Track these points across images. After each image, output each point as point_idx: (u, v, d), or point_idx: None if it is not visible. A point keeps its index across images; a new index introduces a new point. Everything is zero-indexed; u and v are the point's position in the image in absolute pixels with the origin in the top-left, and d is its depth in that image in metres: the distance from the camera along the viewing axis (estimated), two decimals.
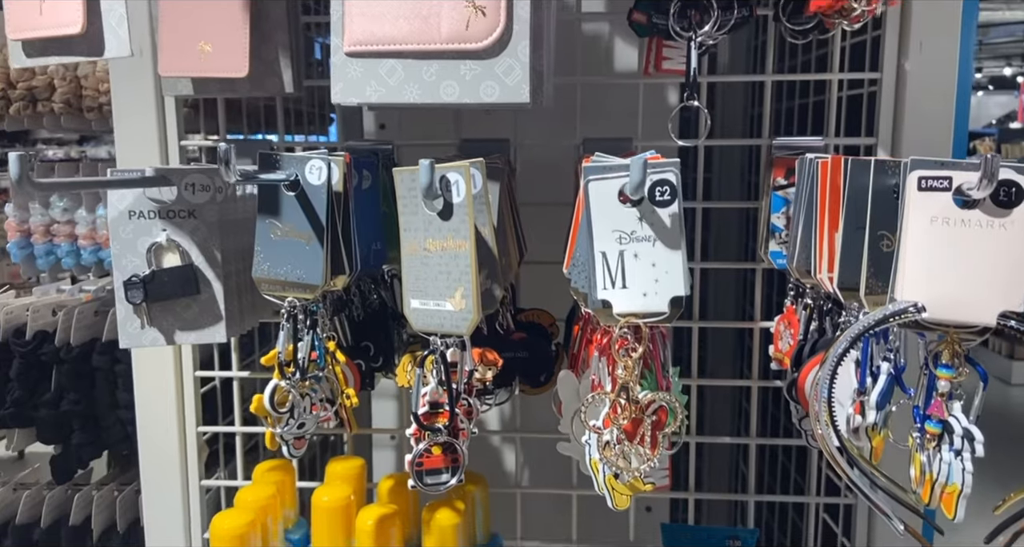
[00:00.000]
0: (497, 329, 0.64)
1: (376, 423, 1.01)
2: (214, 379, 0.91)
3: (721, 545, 0.72)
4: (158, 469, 0.83)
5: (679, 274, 0.47)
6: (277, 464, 0.77)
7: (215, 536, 0.64)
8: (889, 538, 0.77)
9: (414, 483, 0.50)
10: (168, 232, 0.63)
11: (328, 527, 0.70)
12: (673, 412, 0.49)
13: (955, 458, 0.45)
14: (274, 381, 0.55)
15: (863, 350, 0.56)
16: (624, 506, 0.51)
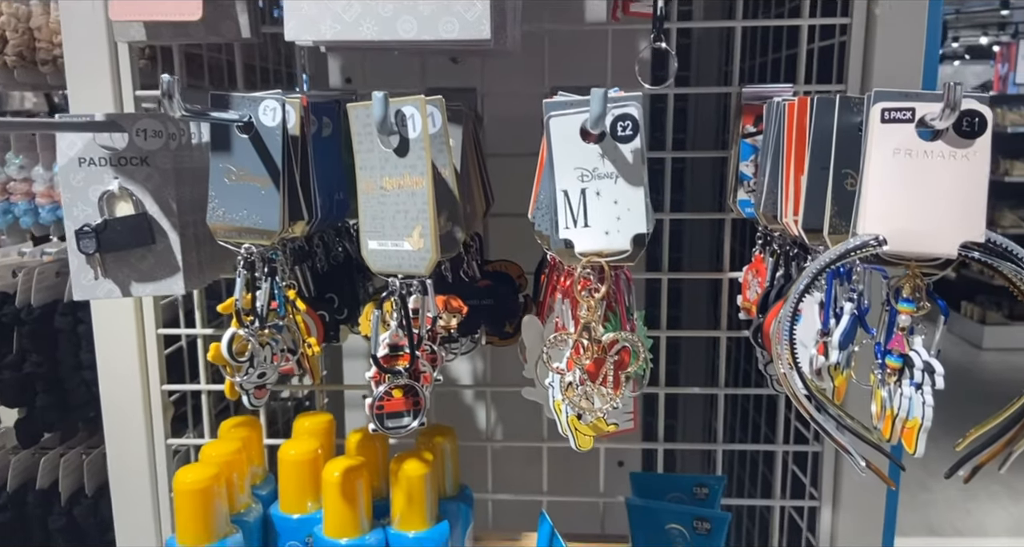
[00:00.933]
0: (462, 277, 0.63)
1: (348, 382, 1.00)
2: (180, 339, 0.89)
3: (688, 492, 0.73)
4: (122, 429, 0.82)
5: (641, 211, 0.47)
6: (243, 420, 0.76)
7: (178, 491, 0.63)
8: (854, 485, 0.78)
9: (375, 426, 0.50)
10: (120, 180, 0.61)
11: (295, 481, 0.70)
12: (636, 352, 0.49)
13: (915, 392, 0.46)
14: (232, 329, 0.54)
15: (827, 291, 0.56)
16: (587, 447, 0.50)
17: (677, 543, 0.69)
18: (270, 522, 0.71)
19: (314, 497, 0.70)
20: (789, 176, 0.58)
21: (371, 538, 0.66)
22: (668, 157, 0.78)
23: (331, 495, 0.65)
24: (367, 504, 0.67)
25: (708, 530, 0.68)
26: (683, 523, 0.68)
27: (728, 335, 0.78)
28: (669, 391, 0.79)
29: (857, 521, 0.79)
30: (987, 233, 0.42)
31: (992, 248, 0.42)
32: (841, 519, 0.79)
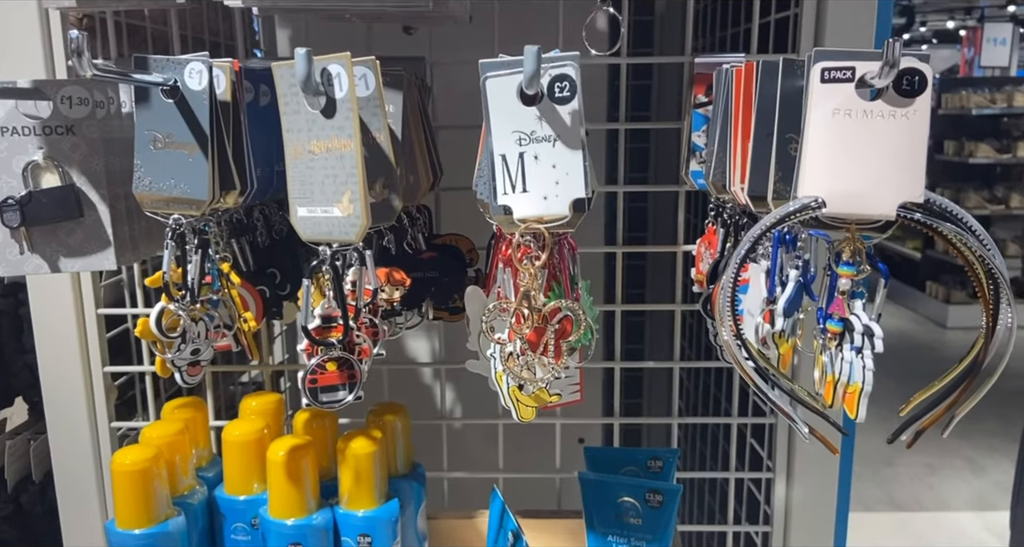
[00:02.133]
0: (406, 249, 0.62)
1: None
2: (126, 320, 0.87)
3: (643, 465, 0.72)
4: (64, 413, 0.80)
5: (579, 175, 0.45)
6: (188, 401, 0.74)
7: (116, 472, 0.61)
8: (807, 457, 0.78)
9: (308, 400, 0.48)
10: (45, 150, 0.58)
11: (240, 461, 0.68)
12: (577, 321, 0.48)
13: (856, 356, 0.45)
14: (160, 304, 0.52)
15: (772, 259, 0.55)
16: (529, 418, 0.49)
17: (630, 515, 0.68)
18: (215, 504, 0.69)
19: (260, 478, 0.68)
20: (737, 143, 0.57)
21: (318, 518, 0.65)
22: (621, 128, 0.77)
23: (276, 475, 0.64)
24: (314, 484, 0.65)
25: (660, 502, 0.67)
26: (635, 496, 0.68)
27: (682, 309, 0.77)
28: (625, 365, 0.79)
29: (811, 492, 0.79)
30: (927, 193, 0.42)
31: (932, 209, 0.42)
32: (795, 491, 0.79)
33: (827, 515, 0.79)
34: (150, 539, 0.62)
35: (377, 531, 0.65)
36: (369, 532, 0.65)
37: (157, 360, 0.54)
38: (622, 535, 0.69)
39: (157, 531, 0.62)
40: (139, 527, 0.62)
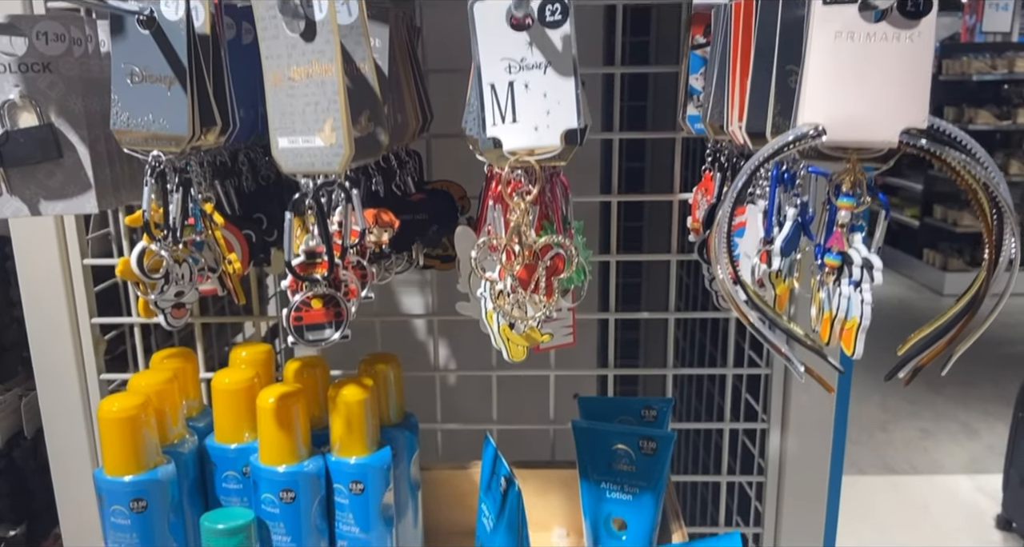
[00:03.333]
0: (395, 191, 0.60)
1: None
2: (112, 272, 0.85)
3: (637, 415, 0.72)
4: (52, 365, 0.79)
5: (572, 104, 0.44)
6: (176, 352, 0.73)
7: (103, 420, 0.61)
8: (802, 407, 0.78)
9: (294, 338, 0.47)
10: (21, 88, 0.57)
11: (230, 410, 0.67)
12: (569, 258, 0.47)
13: (854, 290, 0.44)
14: (142, 243, 0.51)
15: (770, 199, 0.54)
16: (519, 357, 0.48)
17: (623, 463, 0.68)
18: (206, 453, 0.69)
19: (251, 427, 0.68)
20: (735, 80, 0.56)
21: (310, 465, 0.64)
22: (617, 73, 0.75)
23: (267, 421, 0.63)
24: (305, 431, 0.65)
25: (654, 450, 0.67)
26: (629, 443, 0.67)
27: (678, 259, 0.76)
28: (620, 316, 0.78)
29: (805, 442, 0.79)
30: (931, 119, 0.40)
31: (936, 135, 0.40)
32: (789, 441, 0.79)
33: (822, 464, 0.79)
34: (139, 486, 0.61)
35: (369, 478, 0.64)
36: (361, 479, 0.64)
37: (140, 301, 0.53)
38: (615, 482, 0.69)
39: (146, 478, 0.61)
40: (128, 474, 0.61)
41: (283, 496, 0.63)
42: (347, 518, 0.65)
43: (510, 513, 0.60)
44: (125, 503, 0.61)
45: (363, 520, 0.65)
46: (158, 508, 0.62)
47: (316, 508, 0.64)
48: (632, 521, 0.68)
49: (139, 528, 0.62)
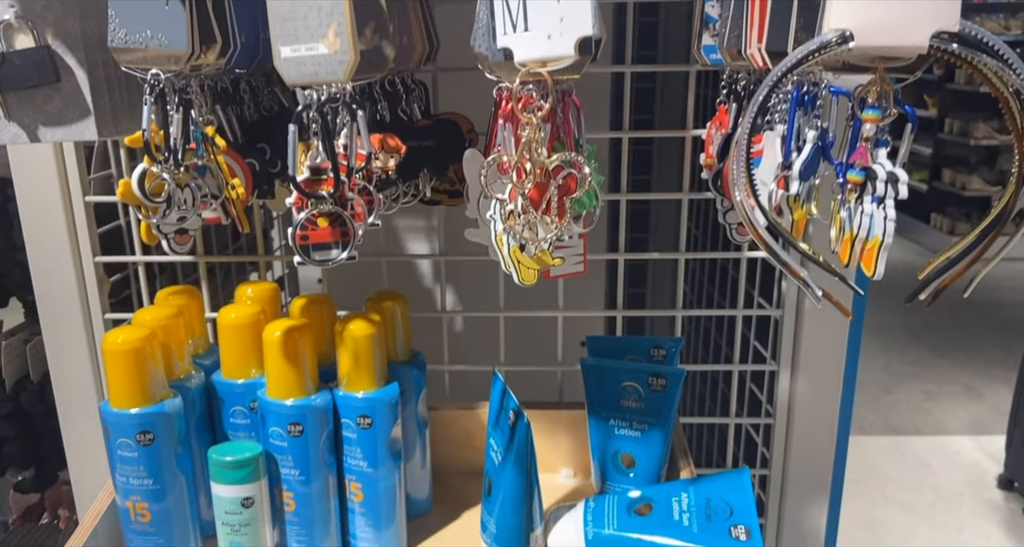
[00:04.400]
0: (400, 115, 0.59)
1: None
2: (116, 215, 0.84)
3: (646, 354, 0.71)
4: (57, 305, 0.78)
5: (586, 10, 0.42)
6: (181, 289, 0.72)
7: (108, 352, 0.60)
8: (812, 349, 0.77)
9: (300, 258, 0.46)
10: (17, 9, 0.55)
11: (237, 344, 0.67)
12: (582, 178, 0.45)
13: (877, 207, 0.43)
14: (143, 165, 0.50)
15: (789, 122, 0.52)
16: (530, 281, 0.47)
17: (632, 400, 0.67)
18: (213, 389, 0.68)
19: (257, 363, 0.67)
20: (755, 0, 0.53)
21: (318, 399, 0.64)
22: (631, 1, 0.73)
23: (273, 355, 0.63)
24: (312, 366, 0.64)
25: (663, 386, 0.66)
26: (638, 380, 0.67)
27: (690, 197, 0.75)
28: (629, 257, 0.77)
29: (815, 384, 0.78)
30: (963, 23, 0.38)
31: (968, 40, 0.38)
32: (799, 383, 0.78)
33: (831, 406, 0.78)
34: (145, 419, 0.61)
35: (377, 413, 0.64)
36: (369, 413, 0.64)
37: (142, 225, 0.52)
38: (623, 419, 0.68)
39: (153, 411, 0.61)
40: (134, 407, 0.61)
41: (291, 429, 0.63)
42: (355, 452, 0.65)
43: (519, 446, 0.60)
44: (132, 436, 0.61)
45: (371, 455, 0.65)
46: (165, 441, 0.62)
47: (324, 442, 0.64)
48: (640, 457, 0.68)
49: (146, 461, 0.62)
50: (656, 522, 0.62)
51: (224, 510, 0.63)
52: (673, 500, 0.63)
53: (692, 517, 0.61)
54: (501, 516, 0.62)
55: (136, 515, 0.63)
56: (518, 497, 0.61)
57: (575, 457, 0.79)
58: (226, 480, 0.62)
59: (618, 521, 0.62)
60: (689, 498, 0.63)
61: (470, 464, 0.79)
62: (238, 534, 0.63)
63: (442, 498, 0.76)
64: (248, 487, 0.62)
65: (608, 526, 0.62)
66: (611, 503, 0.64)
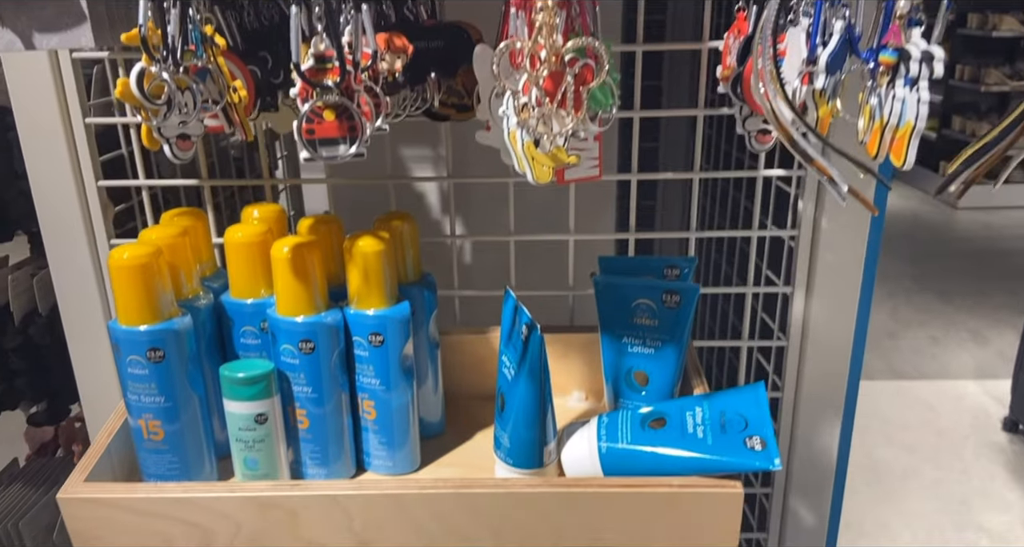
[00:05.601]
0: (406, 14, 0.56)
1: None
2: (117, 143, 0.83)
3: (659, 274, 0.70)
4: (60, 232, 0.77)
5: None
6: (187, 210, 0.71)
7: (114, 268, 0.59)
8: (827, 269, 0.76)
9: (308, 154, 0.45)
10: None
11: (245, 262, 0.66)
12: (599, 66, 0.43)
13: (910, 90, 0.41)
14: (140, 64, 0.48)
15: (815, 15, 0.50)
16: (545, 179, 0.46)
17: (645, 317, 0.66)
18: (222, 309, 0.68)
19: (267, 283, 0.66)
20: None
21: (328, 317, 0.63)
22: None
23: (282, 272, 0.62)
24: (321, 283, 0.63)
25: (677, 303, 0.65)
26: (652, 297, 0.66)
27: (706, 114, 0.73)
28: (641, 178, 0.75)
29: (830, 305, 0.77)
30: None
31: None
32: (814, 305, 0.77)
33: (846, 327, 0.78)
34: (155, 335, 0.60)
35: (389, 330, 0.63)
36: (381, 331, 0.63)
37: (143, 129, 0.50)
38: (637, 337, 0.67)
39: (162, 328, 0.60)
40: (143, 323, 0.60)
41: (302, 346, 0.62)
42: (367, 371, 0.65)
43: (532, 359, 0.59)
44: (142, 353, 0.60)
45: (383, 373, 0.64)
46: (175, 359, 0.61)
47: (336, 360, 0.64)
48: (654, 375, 0.68)
49: (157, 378, 0.61)
50: (670, 435, 0.61)
51: (238, 427, 0.63)
52: (687, 414, 0.63)
53: (706, 429, 0.61)
54: (515, 431, 0.62)
55: (149, 433, 0.63)
56: (532, 411, 0.61)
57: (586, 380, 0.79)
58: (239, 396, 0.62)
59: (632, 434, 0.62)
60: (703, 412, 0.62)
61: (482, 388, 0.79)
62: (252, 450, 0.63)
63: (455, 421, 0.76)
64: (261, 403, 0.62)
65: (622, 440, 0.62)
66: (624, 418, 0.64)
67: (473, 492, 0.58)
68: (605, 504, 0.58)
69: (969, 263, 4.20)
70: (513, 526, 0.59)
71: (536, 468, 0.63)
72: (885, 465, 2.53)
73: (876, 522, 2.26)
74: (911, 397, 2.94)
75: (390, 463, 0.67)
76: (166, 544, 0.61)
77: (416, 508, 0.59)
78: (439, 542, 0.60)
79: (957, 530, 2.22)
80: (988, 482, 2.44)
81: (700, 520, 0.59)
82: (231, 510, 0.60)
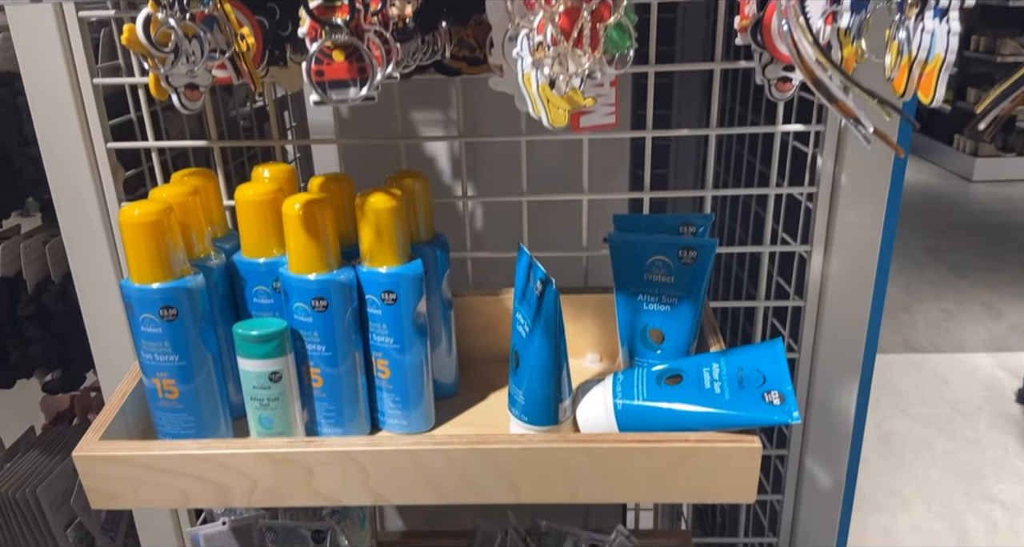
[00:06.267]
0: None
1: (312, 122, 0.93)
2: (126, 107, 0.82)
3: (675, 231, 0.69)
4: (71, 196, 0.77)
5: None
6: (196, 170, 0.70)
7: (125, 225, 0.59)
8: (848, 227, 0.75)
9: (317, 95, 0.44)
10: None
11: (257, 221, 0.65)
12: (616, 1, 0.42)
13: (940, 22, 0.39)
14: (146, 10, 0.47)
15: None
16: (560, 123, 0.45)
17: (661, 274, 0.66)
18: (234, 269, 0.67)
19: (279, 241, 0.66)
20: None
21: (341, 274, 0.62)
22: None
23: (294, 229, 0.61)
24: (334, 240, 0.63)
25: (694, 258, 0.64)
26: (668, 253, 0.65)
27: (722, 67, 0.71)
28: (656, 134, 0.74)
29: (849, 264, 0.76)
30: None
31: None
32: (832, 264, 0.76)
33: (865, 286, 0.76)
34: (168, 293, 0.60)
35: (402, 288, 0.63)
36: (394, 289, 0.63)
37: (151, 77, 0.49)
38: (652, 294, 0.67)
39: (175, 285, 0.60)
40: (155, 281, 0.60)
41: (315, 304, 0.62)
42: (381, 329, 0.64)
43: (547, 315, 0.59)
44: (155, 311, 0.60)
45: (397, 331, 0.64)
46: (189, 317, 0.61)
47: (349, 318, 0.63)
48: (670, 332, 0.67)
49: (171, 336, 0.61)
50: (687, 391, 0.61)
51: (252, 385, 0.63)
52: (704, 370, 0.62)
53: (724, 385, 0.60)
54: (529, 387, 0.62)
55: (164, 392, 0.63)
56: (547, 367, 0.60)
57: (601, 341, 0.78)
58: (253, 354, 0.61)
59: (648, 391, 0.62)
60: (720, 368, 0.62)
61: (496, 350, 0.78)
62: (267, 409, 0.63)
63: (468, 383, 0.76)
64: (275, 361, 0.62)
65: (638, 396, 0.62)
66: (640, 375, 0.63)
67: (489, 447, 0.58)
68: (622, 459, 0.58)
69: (983, 237, 4.16)
70: (529, 481, 0.59)
71: (551, 425, 0.63)
72: (898, 437, 2.52)
73: (889, 492, 2.26)
74: (924, 370, 2.92)
75: (404, 422, 0.67)
76: (182, 501, 0.61)
77: (432, 463, 0.59)
78: (455, 498, 0.60)
79: (970, 500, 2.22)
80: (1001, 453, 2.43)
81: (717, 475, 0.58)
82: (247, 467, 0.60)
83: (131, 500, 0.61)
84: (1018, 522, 2.13)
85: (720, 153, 1.12)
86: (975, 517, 2.14)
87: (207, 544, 0.74)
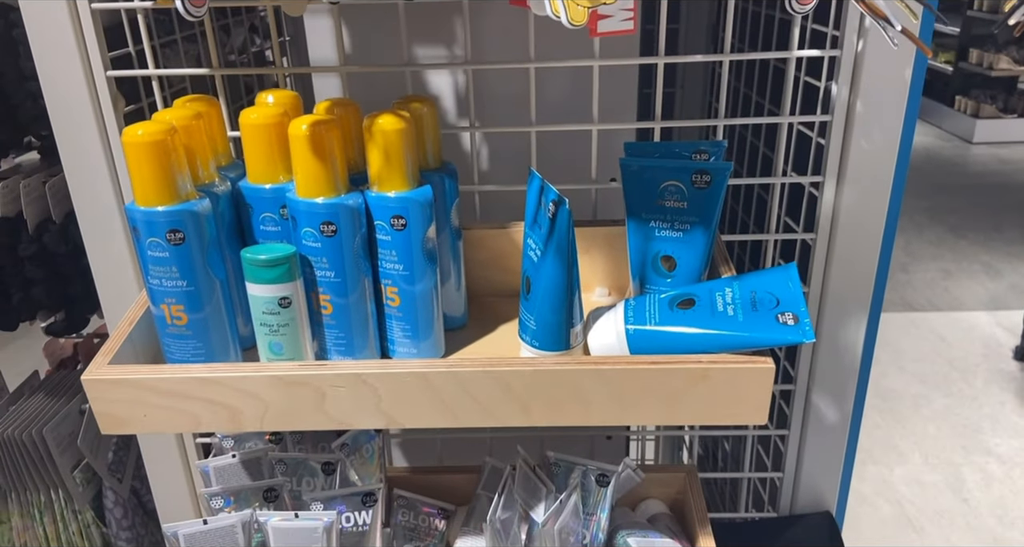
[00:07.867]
0: None
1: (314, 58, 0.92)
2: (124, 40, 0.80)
3: (686, 157, 0.68)
4: (71, 127, 0.75)
5: None
6: (199, 97, 0.69)
7: (129, 145, 0.57)
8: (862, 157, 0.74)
9: None
10: None
11: (262, 145, 0.64)
12: None
13: None
14: None
15: None
16: (580, 20, 0.44)
17: (674, 199, 0.65)
18: (240, 196, 0.66)
19: (285, 167, 0.65)
20: None
21: (349, 199, 0.61)
22: None
23: (301, 151, 0.60)
24: (341, 165, 0.62)
25: (708, 182, 0.64)
26: (681, 178, 0.64)
27: None
28: (668, 60, 0.72)
29: (863, 195, 0.75)
30: None
31: None
32: (845, 194, 0.75)
33: (877, 219, 0.76)
34: (174, 216, 0.59)
35: (411, 213, 0.62)
36: (403, 214, 0.62)
37: None
38: (665, 220, 0.66)
39: (182, 208, 0.59)
40: (161, 204, 0.59)
41: (324, 229, 0.61)
42: (390, 256, 0.64)
43: (559, 236, 0.58)
44: (162, 235, 0.59)
45: (406, 257, 0.63)
46: (196, 241, 0.60)
47: (358, 243, 0.62)
48: (682, 259, 0.66)
49: (178, 261, 0.60)
50: (700, 315, 0.60)
51: (261, 311, 0.62)
52: (717, 295, 0.62)
53: (737, 308, 0.60)
54: (541, 312, 0.61)
55: (172, 318, 0.62)
56: (559, 291, 0.60)
57: (610, 275, 0.78)
58: (262, 279, 0.61)
59: (660, 316, 0.61)
60: (733, 292, 0.61)
61: (504, 285, 0.78)
62: (277, 334, 0.63)
63: (477, 316, 0.75)
64: (284, 287, 0.61)
65: (649, 321, 0.61)
66: (652, 300, 0.63)
67: (501, 369, 0.58)
68: (634, 381, 0.58)
69: (983, 198, 4.15)
70: (541, 403, 0.59)
71: (563, 350, 0.62)
72: (896, 394, 2.54)
73: (886, 446, 2.29)
74: (923, 328, 2.94)
75: (414, 351, 0.67)
76: (194, 425, 0.61)
77: (444, 386, 0.58)
78: (467, 420, 0.60)
79: (966, 453, 2.24)
80: (998, 408, 2.45)
81: (730, 397, 0.58)
82: (258, 389, 0.59)
83: (141, 425, 0.61)
84: (1013, 473, 2.16)
85: (728, 91, 1.10)
86: (971, 469, 2.17)
87: (217, 476, 0.75)
